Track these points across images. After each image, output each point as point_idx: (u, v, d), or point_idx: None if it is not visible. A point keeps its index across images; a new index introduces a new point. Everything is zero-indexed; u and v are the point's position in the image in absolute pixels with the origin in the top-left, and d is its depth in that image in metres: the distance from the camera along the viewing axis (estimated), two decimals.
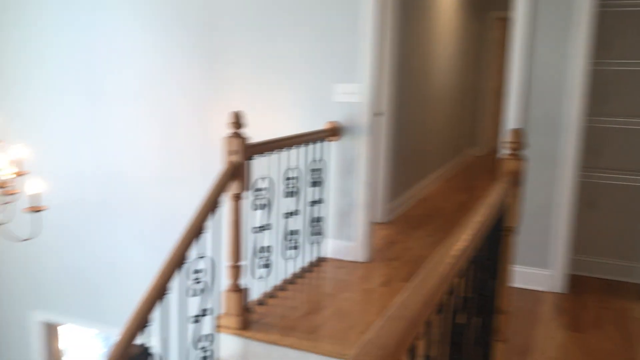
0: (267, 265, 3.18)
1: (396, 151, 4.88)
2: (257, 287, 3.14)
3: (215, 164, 2.80)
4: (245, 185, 2.83)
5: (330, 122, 3.71)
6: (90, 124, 4.59)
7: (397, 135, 4.86)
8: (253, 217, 3.04)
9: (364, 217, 3.81)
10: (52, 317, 5.09)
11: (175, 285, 2.54)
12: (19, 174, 3.09)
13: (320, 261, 3.79)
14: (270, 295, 3.24)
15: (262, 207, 3.10)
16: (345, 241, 3.85)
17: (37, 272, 5.07)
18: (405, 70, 4.94)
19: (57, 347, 6.07)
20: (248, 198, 2.98)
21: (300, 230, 3.55)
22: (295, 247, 3.49)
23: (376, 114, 3.79)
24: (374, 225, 4.23)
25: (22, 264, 5.12)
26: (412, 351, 1.16)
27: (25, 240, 3.26)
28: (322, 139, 3.65)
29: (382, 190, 4.77)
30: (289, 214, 3.41)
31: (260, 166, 3.08)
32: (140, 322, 2.32)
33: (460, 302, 1.63)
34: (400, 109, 4.88)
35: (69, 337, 6.54)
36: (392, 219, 4.95)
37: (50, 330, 5.47)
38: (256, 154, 2.96)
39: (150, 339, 2.33)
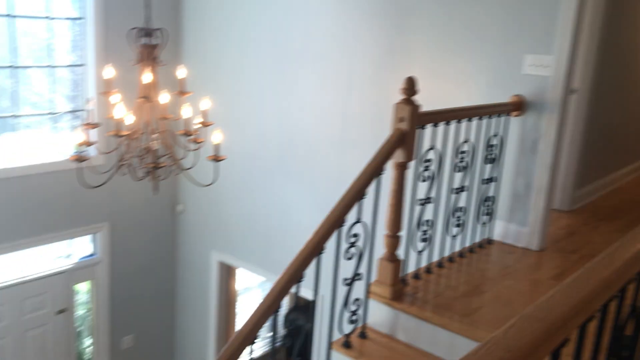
0: (426, 240, 3.08)
1: (589, 134, 4.39)
2: (413, 260, 3.06)
3: (388, 131, 2.73)
4: (411, 154, 2.74)
5: (515, 96, 3.43)
6: (276, 83, 4.79)
7: (591, 117, 4.36)
8: (416, 189, 2.94)
9: (543, 202, 3.50)
10: (228, 259, 5.51)
11: (332, 245, 2.56)
12: (205, 125, 3.32)
13: (486, 243, 3.58)
14: (427, 270, 3.14)
15: (428, 179, 2.98)
16: (517, 225, 3.58)
17: (217, 216, 5.51)
18: (609, 44, 4.38)
19: (234, 288, 6.59)
20: (414, 168, 2.89)
21: (467, 208, 3.37)
22: (460, 225, 3.33)
23: (569, 91, 3.42)
24: (553, 213, 3.88)
25: (205, 207, 5.60)
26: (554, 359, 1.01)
27: (207, 185, 3.52)
28: (503, 113, 3.39)
29: (567, 176, 4.34)
30: (457, 190, 3.25)
31: (431, 136, 2.95)
32: (294, 276, 2.37)
33: (630, 311, 1.41)
34: (597, 87, 4.35)
35: (243, 280, 7.06)
36: (577, 208, 4.51)
37: (228, 272, 5.93)
38: (427, 123, 2.84)
39: (305, 293, 2.40)
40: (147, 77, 3.13)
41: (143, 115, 3.17)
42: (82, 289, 5.60)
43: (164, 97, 3.27)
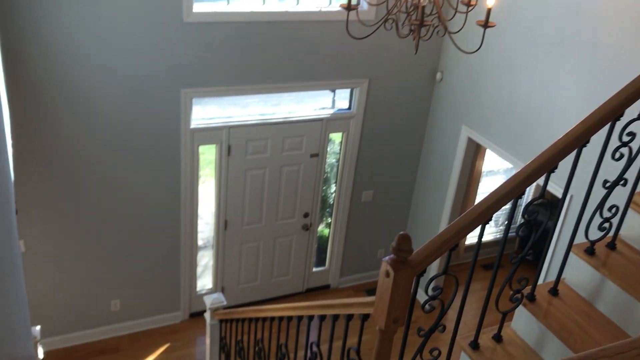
0: None
1: None
2: None
3: None
4: None
5: None
6: None
7: None
8: None
9: None
10: (478, 138, 5.29)
11: (599, 140, 2.23)
12: None
13: None
14: None
15: None
16: None
17: (474, 90, 5.23)
18: None
19: (479, 167, 6.42)
20: None
21: None
22: None
23: None
24: None
25: (464, 78, 5.34)
26: None
27: (470, 53, 3.29)
28: None
29: None
30: None
31: None
32: (547, 164, 2.14)
33: None
34: None
35: (489, 162, 6.82)
36: None
37: (476, 150, 5.75)
38: None
39: (553, 189, 2.16)
40: None
41: None
42: (335, 139, 5.95)
43: None
